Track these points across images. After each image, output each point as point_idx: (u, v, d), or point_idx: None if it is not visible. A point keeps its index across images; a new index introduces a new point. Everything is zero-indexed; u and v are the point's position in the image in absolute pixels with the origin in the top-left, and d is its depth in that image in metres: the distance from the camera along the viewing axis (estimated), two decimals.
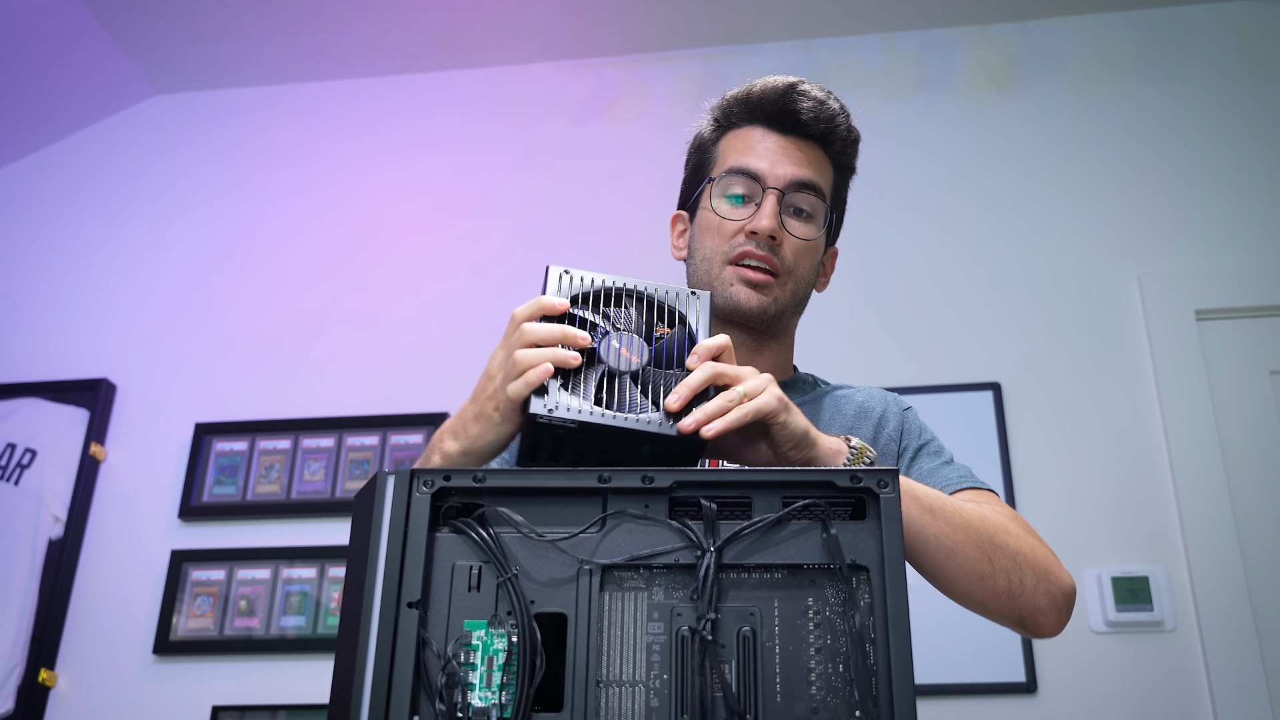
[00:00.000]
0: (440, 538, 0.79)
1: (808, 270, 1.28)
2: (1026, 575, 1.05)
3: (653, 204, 2.63)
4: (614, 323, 0.98)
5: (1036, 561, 1.07)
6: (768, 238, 1.22)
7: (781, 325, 1.28)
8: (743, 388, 0.96)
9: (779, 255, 1.24)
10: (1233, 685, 2.02)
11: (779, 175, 1.24)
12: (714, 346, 0.99)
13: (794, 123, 1.26)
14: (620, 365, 0.95)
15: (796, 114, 1.26)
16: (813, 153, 1.27)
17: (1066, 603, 1.09)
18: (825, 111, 1.27)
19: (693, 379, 0.95)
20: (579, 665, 0.75)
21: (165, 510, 2.46)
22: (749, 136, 1.28)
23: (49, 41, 2.68)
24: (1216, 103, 2.54)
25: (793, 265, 1.25)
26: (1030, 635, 1.10)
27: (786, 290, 1.25)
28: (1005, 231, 2.49)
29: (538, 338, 0.95)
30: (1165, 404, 2.25)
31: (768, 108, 1.27)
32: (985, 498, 1.17)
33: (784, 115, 1.27)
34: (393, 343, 2.55)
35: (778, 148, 1.26)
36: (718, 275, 1.25)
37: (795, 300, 1.27)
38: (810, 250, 1.27)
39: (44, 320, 2.72)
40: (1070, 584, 1.09)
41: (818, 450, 0.99)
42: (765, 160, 1.25)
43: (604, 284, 0.99)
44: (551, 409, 0.91)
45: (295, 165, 2.82)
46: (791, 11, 2.67)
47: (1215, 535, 2.13)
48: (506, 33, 2.75)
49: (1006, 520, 1.09)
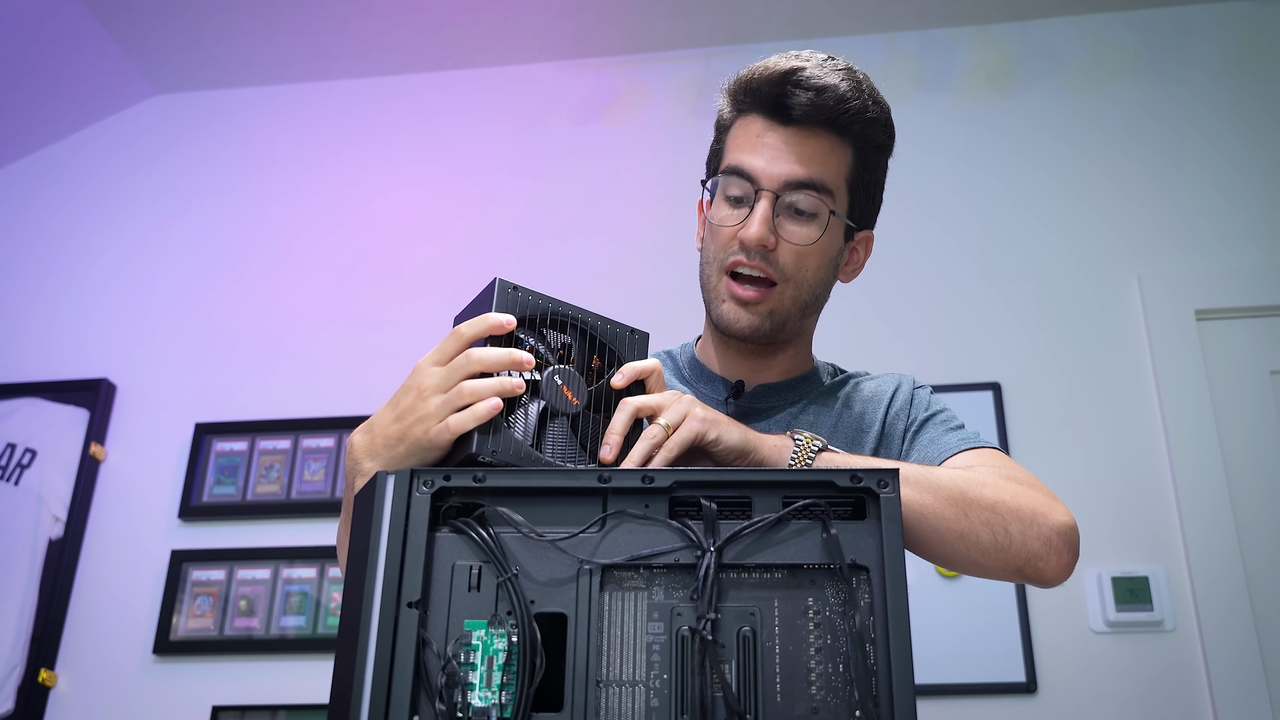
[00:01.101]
0: (440, 537, 0.79)
1: (814, 271, 1.20)
2: (1011, 524, 0.99)
3: (652, 204, 2.64)
4: (555, 353, 0.96)
5: (1020, 507, 1.01)
6: (759, 246, 1.16)
7: (786, 334, 1.23)
8: (664, 420, 0.95)
9: (774, 262, 1.17)
10: (1233, 685, 2.02)
11: (773, 175, 1.16)
12: (640, 370, 0.99)
13: (791, 114, 1.17)
14: (559, 405, 0.94)
15: (789, 109, 1.17)
16: (818, 142, 1.17)
17: (1064, 542, 1.01)
18: (829, 98, 1.16)
19: (616, 423, 0.95)
20: (579, 665, 0.75)
21: (165, 510, 2.46)
22: (750, 129, 1.20)
23: (49, 41, 2.68)
24: (1216, 103, 2.54)
25: (792, 271, 1.18)
26: (1038, 584, 1.03)
27: (785, 298, 1.19)
28: (1005, 231, 2.49)
29: (487, 365, 0.90)
30: (1165, 404, 2.25)
31: (765, 98, 1.18)
32: (985, 456, 1.13)
33: (780, 107, 1.17)
34: (393, 342, 2.55)
35: (777, 142, 1.17)
36: (715, 286, 1.21)
37: (800, 305, 1.21)
38: (814, 251, 1.18)
39: (44, 320, 2.72)
40: (1064, 521, 1.02)
41: (762, 453, 0.99)
42: (761, 157, 1.17)
43: (550, 309, 0.96)
44: (495, 450, 0.87)
45: (295, 165, 2.82)
46: (791, 11, 2.67)
47: (1215, 535, 2.13)
48: (506, 33, 2.75)
49: (987, 474, 1.04)
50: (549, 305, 0.96)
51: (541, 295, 0.95)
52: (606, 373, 0.98)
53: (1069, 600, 2.13)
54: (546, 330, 0.96)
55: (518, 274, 1.08)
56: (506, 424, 0.90)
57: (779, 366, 1.27)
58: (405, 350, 2.54)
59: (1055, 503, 1.04)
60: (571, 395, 0.94)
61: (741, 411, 1.24)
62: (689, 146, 2.71)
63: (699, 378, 1.30)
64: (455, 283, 2.61)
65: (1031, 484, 1.06)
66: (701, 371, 1.30)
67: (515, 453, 0.89)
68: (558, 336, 0.97)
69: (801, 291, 1.20)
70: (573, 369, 0.96)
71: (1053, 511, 1.02)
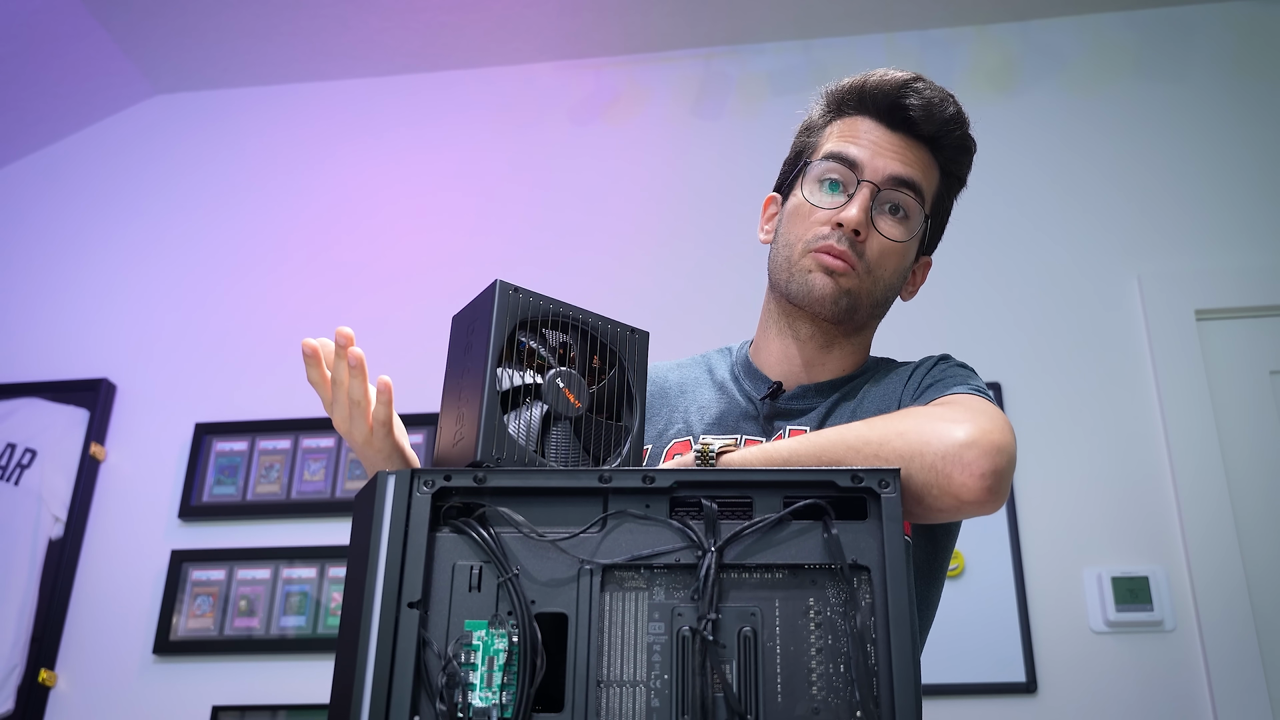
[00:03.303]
0: (441, 538, 0.79)
1: (891, 273, 1.21)
2: (913, 460, 0.92)
3: (652, 204, 2.64)
4: (557, 355, 0.95)
5: (907, 443, 0.93)
6: (852, 232, 1.17)
7: (855, 322, 1.23)
8: None
9: (861, 252, 1.18)
10: (1233, 685, 2.02)
11: (877, 168, 1.19)
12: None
13: (904, 119, 1.20)
14: (561, 409, 0.93)
15: (906, 109, 1.20)
16: (920, 153, 1.22)
17: (953, 462, 0.91)
18: (939, 113, 1.21)
19: None
20: (580, 665, 0.75)
21: (165, 510, 2.46)
22: (856, 126, 1.22)
23: (49, 41, 2.68)
24: (1216, 103, 2.54)
25: (875, 264, 1.19)
26: (969, 509, 0.93)
27: (864, 285, 1.19)
28: (1005, 231, 2.49)
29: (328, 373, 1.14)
30: (1165, 404, 2.25)
31: (880, 99, 1.21)
32: (942, 400, 1.09)
33: (894, 109, 1.20)
34: (392, 342, 2.55)
35: (883, 141, 1.20)
36: (797, 262, 1.21)
37: (873, 300, 1.21)
38: (898, 252, 1.21)
39: (44, 320, 2.72)
40: (956, 439, 0.92)
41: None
42: (867, 150, 1.20)
43: (550, 309, 0.95)
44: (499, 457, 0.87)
45: (295, 165, 2.82)
46: (791, 11, 2.66)
47: (1215, 535, 2.13)
48: (506, 33, 2.75)
49: (891, 418, 0.99)
50: (549, 306, 0.95)
51: (542, 296, 0.95)
52: (607, 373, 0.98)
53: (1069, 600, 2.14)
54: (546, 331, 0.96)
55: (517, 274, 1.08)
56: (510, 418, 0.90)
57: (833, 364, 1.26)
58: (405, 350, 2.55)
59: (958, 423, 0.94)
60: (574, 398, 0.94)
61: (774, 413, 1.24)
62: (689, 146, 2.72)
63: (747, 375, 1.29)
64: (455, 282, 2.60)
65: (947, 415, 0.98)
66: (750, 371, 1.29)
67: (518, 457, 0.89)
68: (557, 336, 0.97)
69: (878, 289, 1.21)
70: (574, 371, 0.95)
71: (947, 433, 0.93)
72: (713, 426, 1.25)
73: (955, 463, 0.91)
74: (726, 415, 1.26)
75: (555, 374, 0.94)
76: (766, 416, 1.23)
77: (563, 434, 0.93)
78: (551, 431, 0.93)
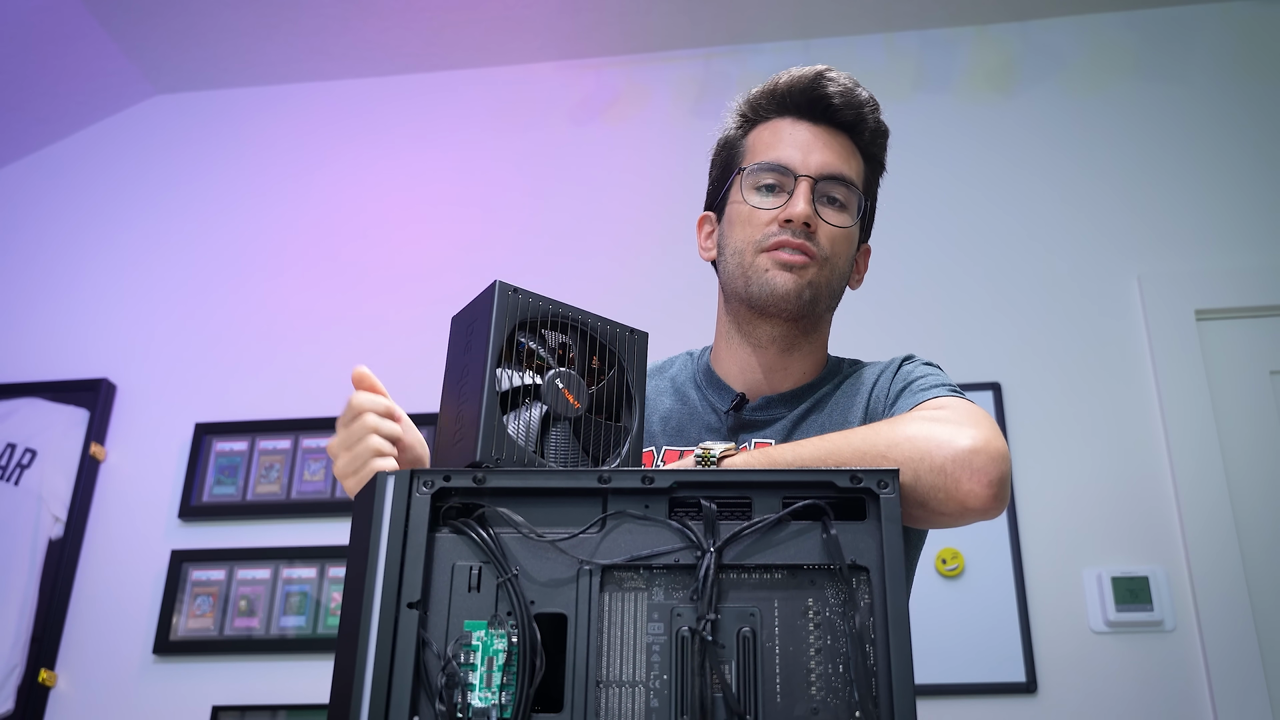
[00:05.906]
0: (440, 538, 0.79)
1: (844, 260, 1.24)
2: (920, 464, 0.93)
3: (652, 204, 2.64)
4: (556, 355, 0.95)
5: (914, 448, 0.94)
6: (803, 225, 1.19)
7: (815, 315, 1.23)
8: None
9: (815, 242, 1.20)
10: (1233, 685, 2.02)
11: (810, 164, 1.21)
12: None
13: (823, 109, 1.23)
14: (561, 410, 0.93)
15: (826, 99, 1.23)
16: (843, 143, 1.24)
17: (963, 467, 0.92)
18: (854, 97, 1.24)
19: None
20: (579, 665, 0.75)
21: (165, 510, 2.46)
22: (777, 128, 1.25)
23: (49, 41, 2.68)
24: (1216, 103, 2.54)
25: (829, 252, 1.21)
26: (973, 515, 0.95)
27: (823, 275, 1.21)
28: (1005, 231, 2.49)
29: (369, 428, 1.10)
30: (1165, 404, 2.25)
31: (796, 96, 1.24)
32: (929, 406, 1.09)
33: (813, 102, 1.23)
34: (392, 342, 2.55)
35: (808, 137, 1.23)
36: (751, 264, 1.21)
37: (830, 290, 1.23)
38: (847, 238, 1.23)
39: (44, 320, 2.72)
40: (963, 445, 0.93)
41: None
42: (796, 150, 1.22)
43: (549, 310, 0.95)
44: (498, 457, 0.88)
45: (295, 165, 2.82)
46: (791, 11, 2.66)
47: (1215, 535, 2.13)
48: (506, 33, 2.75)
49: (895, 422, 1.00)
50: (548, 307, 0.95)
51: (541, 297, 0.95)
52: (606, 373, 0.98)
53: (1069, 600, 2.14)
54: (546, 331, 0.96)
55: (517, 274, 1.09)
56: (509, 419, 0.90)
57: (795, 369, 1.25)
58: (405, 350, 2.55)
59: (961, 428, 0.96)
60: (573, 399, 0.94)
61: (739, 425, 1.23)
62: (689, 146, 2.72)
63: (710, 384, 1.28)
64: (454, 282, 2.60)
65: (948, 419, 1.00)
66: (713, 380, 1.28)
67: (518, 458, 0.89)
68: (556, 336, 0.97)
69: (834, 277, 1.23)
70: (573, 372, 0.95)
71: (953, 439, 0.94)
72: (675, 438, 1.24)
73: (964, 468, 0.93)
74: (688, 426, 1.25)
75: (554, 374, 0.94)
76: (731, 429, 1.23)
77: (562, 434, 0.93)
78: (551, 432, 0.93)
